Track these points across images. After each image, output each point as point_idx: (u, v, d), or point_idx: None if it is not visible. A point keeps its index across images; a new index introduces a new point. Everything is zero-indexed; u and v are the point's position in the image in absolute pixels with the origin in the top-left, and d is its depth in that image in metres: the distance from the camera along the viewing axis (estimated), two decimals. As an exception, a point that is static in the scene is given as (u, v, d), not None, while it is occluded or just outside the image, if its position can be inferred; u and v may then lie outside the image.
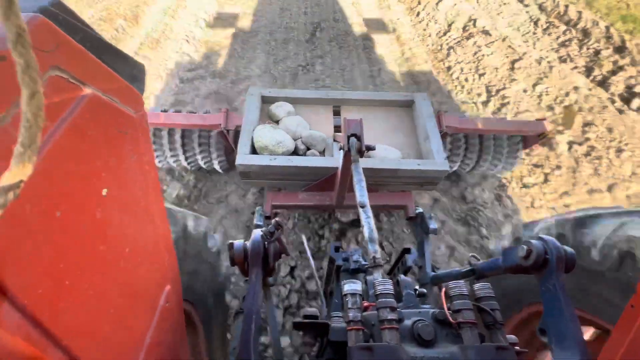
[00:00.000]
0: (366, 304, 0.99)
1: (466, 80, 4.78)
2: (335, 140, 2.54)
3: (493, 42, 5.34)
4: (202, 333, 1.60)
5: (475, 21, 5.73)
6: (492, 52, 5.16)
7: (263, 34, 5.72)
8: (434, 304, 1.32)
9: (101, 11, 5.69)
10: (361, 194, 1.45)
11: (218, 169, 3.12)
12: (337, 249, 1.66)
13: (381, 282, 0.95)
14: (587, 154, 3.76)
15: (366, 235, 1.30)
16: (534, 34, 5.81)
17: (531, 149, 3.46)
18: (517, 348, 0.88)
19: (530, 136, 2.86)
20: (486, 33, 5.49)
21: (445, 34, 5.71)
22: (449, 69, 5.05)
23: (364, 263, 1.55)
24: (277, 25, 5.98)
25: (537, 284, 0.93)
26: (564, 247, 0.90)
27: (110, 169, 0.69)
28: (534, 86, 4.57)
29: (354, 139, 1.65)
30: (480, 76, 4.77)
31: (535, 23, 6.17)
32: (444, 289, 0.96)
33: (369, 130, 2.24)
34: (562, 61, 5.10)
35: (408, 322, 0.91)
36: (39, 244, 0.49)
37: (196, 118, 2.70)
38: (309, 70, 4.91)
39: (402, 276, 1.19)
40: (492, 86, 4.61)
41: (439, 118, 2.71)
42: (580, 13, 6.33)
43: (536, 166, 3.61)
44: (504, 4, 6.72)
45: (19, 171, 0.34)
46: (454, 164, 3.03)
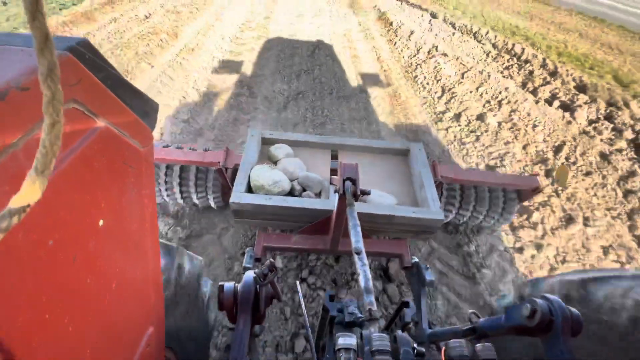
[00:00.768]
0: None
1: (427, 84, 6.31)
2: (331, 183, 2.55)
3: (449, 60, 6.98)
4: None
5: (437, 47, 7.45)
6: (447, 66, 6.78)
7: (275, 50, 7.34)
8: None
9: (149, 28, 7.34)
10: (356, 239, 1.41)
11: (213, 205, 3.08)
12: (332, 298, 1.50)
13: (378, 337, 0.90)
14: (510, 127, 5.14)
15: (362, 285, 1.22)
16: (485, 61, 7.51)
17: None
18: None
19: (525, 190, 2.87)
20: (444, 55, 7.16)
21: (414, 55, 7.39)
22: (415, 77, 6.61)
23: (359, 315, 1.35)
24: (285, 43, 7.65)
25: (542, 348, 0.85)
26: (570, 308, 0.84)
27: (110, 200, 0.69)
28: (477, 88, 6.09)
29: (349, 183, 1.64)
30: (437, 81, 6.32)
31: (487, 54, 7.92)
32: (443, 349, 0.91)
33: (365, 175, 2.27)
34: (504, 78, 6.70)
35: None
36: (25, 273, 0.48)
37: (196, 155, 2.69)
38: (310, 72, 6.43)
39: (399, 332, 1.11)
40: (445, 87, 6.13)
41: (434, 167, 2.73)
42: (524, 49, 8.14)
43: (472, 131, 4.97)
44: (464, 41, 8.56)
45: (27, 196, 0.34)
46: (449, 213, 3.01)
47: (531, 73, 7.02)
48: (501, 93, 5.90)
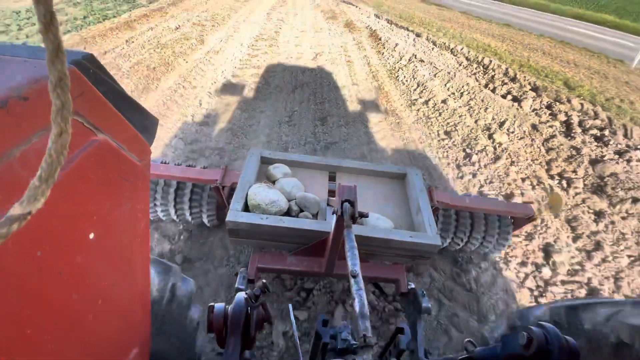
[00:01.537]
0: None
1: (406, 81, 7.87)
2: (329, 205, 2.55)
3: (425, 65, 8.59)
4: None
5: (416, 55, 9.09)
6: (423, 69, 8.37)
7: (284, 55, 8.95)
8: None
9: (180, 35, 8.99)
10: (353, 262, 1.37)
11: (206, 223, 3.08)
12: (325, 323, 1.40)
13: None
14: (468, 109, 6.61)
15: (357, 309, 1.18)
16: (457, 68, 9.12)
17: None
18: None
19: (520, 218, 2.93)
20: (421, 61, 8.78)
21: (397, 62, 9.01)
22: (397, 77, 8.18)
23: (352, 343, 1.23)
24: (292, 50, 9.28)
25: None
26: (565, 336, 0.82)
27: (103, 214, 0.67)
28: (445, 84, 7.63)
29: (347, 204, 1.63)
30: (414, 79, 7.88)
31: (460, 64, 9.56)
32: None
33: (362, 198, 2.23)
34: (468, 77, 8.26)
35: None
36: (9, 284, 0.46)
37: (194, 172, 2.70)
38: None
39: None
40: (420, 83, 7.68)
41: (430, 193, 2.73)
42: (491, 61, 9.80)
43: (436, 110, 6.44)
44: (441, 54, 10.24)
45: (29, 204, 0.34)
46: (445, 240, 3.05)
47: (493, 77, 8.61)
48: (464, 87, 7.44)
